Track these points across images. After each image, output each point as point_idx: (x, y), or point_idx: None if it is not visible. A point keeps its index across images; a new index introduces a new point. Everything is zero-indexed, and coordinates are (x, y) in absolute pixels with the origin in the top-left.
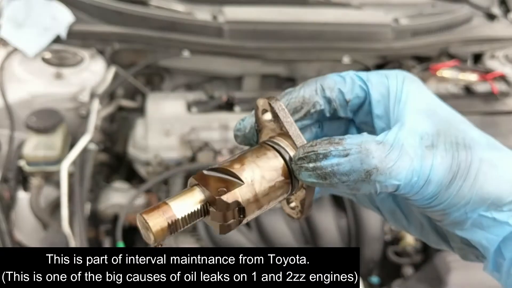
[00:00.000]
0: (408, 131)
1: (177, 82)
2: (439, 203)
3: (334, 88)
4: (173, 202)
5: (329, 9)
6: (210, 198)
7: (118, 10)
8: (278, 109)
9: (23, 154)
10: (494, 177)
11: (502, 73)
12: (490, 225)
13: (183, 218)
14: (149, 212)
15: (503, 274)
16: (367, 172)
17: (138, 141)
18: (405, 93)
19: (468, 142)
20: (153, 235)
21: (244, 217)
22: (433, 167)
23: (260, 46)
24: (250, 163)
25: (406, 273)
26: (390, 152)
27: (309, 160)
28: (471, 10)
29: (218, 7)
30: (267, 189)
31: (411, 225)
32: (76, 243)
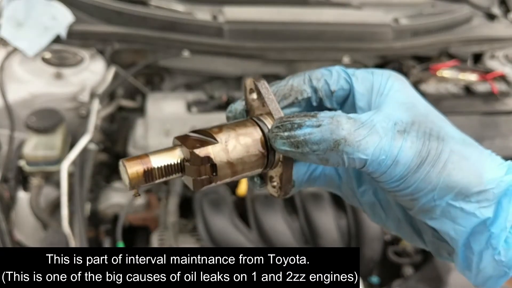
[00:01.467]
0: (383, 115)
1: (177, 82)
2: (406, 186)
3: (321, 79)
4: (153, 155)
5: (329, 9)
6: (187, 154)
7: (118, 10)
8: (261, 86)
9: (23, 154)
10: (463, 167)
11: (502, 73)
12: (458, 215)
13: (159, 168)
14: (129, 159)
15: (473, 271)
16: (335, 141)
17: (138, 141)
18: (388, 87)
19: (442, 135)
20: (129, 178)
21: (217, 176)
22: (402, 149)
23: (260, 46)
24: (229, 129)
25: (406, 273)
26: (360, 128)
27: (284, 129)
28: (471, 10)
29: (218, 7)
30: (241, 153)
31: (389, 219)
32: (76, 243)
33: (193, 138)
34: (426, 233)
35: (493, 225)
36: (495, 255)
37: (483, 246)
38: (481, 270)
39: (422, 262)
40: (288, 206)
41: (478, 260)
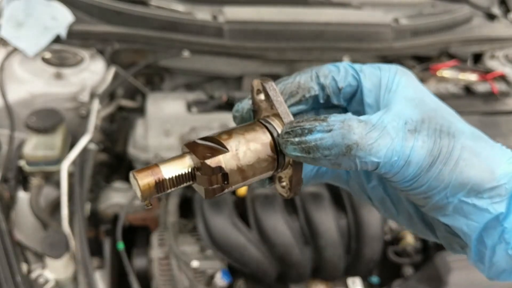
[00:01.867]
0: (393, 115)
1: (177, 82)
2: (419, 185)
3: (328, 75)
4: (163, 165)
5: (329, 9)
6: (197, 163)
7: (118, 10)
8: (269, 88)
9: (23, 154)
10: (475, 164)
11: (502, 73)
12: (470, 211)
13: (170, 179)
14: (140, 171)
15: (486, 264)
16: (347, 146)
17: (138, 141)
18: (395, 83)
19: (452, 130)
20: (141, 191)
21: (228, 184)
22: (414, 148)
23: (260, 46)
24: (238, 135)
25: (406, 273)
26: (372, 130)
27: (295, 135)
28: (471, 10)
29: (218, 7)
30: (251, 159)
31: (400, 214)
32: (76, 243)
33: (203, 146)
34: (439, 228)
35: (506, 220)
36: (509, 250)
37: (496, 241)
38: (494, 264)
39: (422, 262)
40: (288, 206)
41: (491, 254)
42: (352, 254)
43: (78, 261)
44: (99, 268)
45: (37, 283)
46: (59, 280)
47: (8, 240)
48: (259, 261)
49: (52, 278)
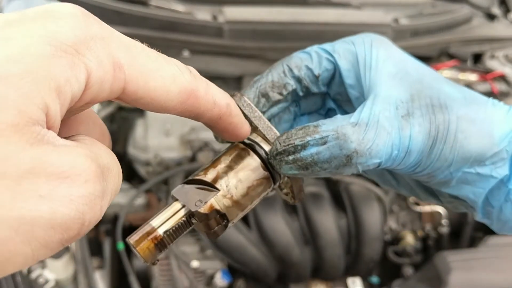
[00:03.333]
0: (382, 102)
1: None
2: (422, 169)
3: (301, 66)
4: (157, 221)
5: (329, 9)
6: (191, 211)
7: (118, 10)
8: (243, 105)
9: None
10: (473, 133)
11: (502, 73)
12: (475, 179)
13: (168, 235)
14: (135, 236)
15: (493, 220)
16: (347, 157)
17: (138, 141)
18: (374, 58)
19: (443, 101)
20: (143, 258)
21: (228, 221)
22: (412, 136)
23: (260, 46)
24: (224, 168)
25: (406, 273)
26: (367, 132)
27: (288, 153)
28: (471, 10)
29: (218, 7)
30: (245, 190)
31: (400, 185)
32: (76, 243)
33: (192, 191)
34: (443, 195)
35: (510, 181)
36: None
37: (502, 201)
38: (502, 220)
39: (422, 262)
40: (288, 206)
41: (498, 212)
42: (352, 254)
43: (78, 261)
44: (99, 268)
45: (37, 283)
46: (59, 280)
47: None
48: (259, 261)
49: (52, 278)
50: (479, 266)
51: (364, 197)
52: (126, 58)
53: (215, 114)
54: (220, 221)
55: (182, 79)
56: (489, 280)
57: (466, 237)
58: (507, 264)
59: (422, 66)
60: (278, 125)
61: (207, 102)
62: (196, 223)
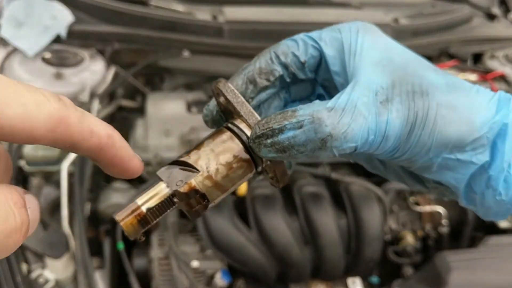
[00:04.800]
0: (362, 89)
1: (177, 82)
2: (401, 154)
3: (288, 52)
4: (141, 199)
5: (329, 9)
6: (173, 190)
7: (118, 10)
8: (227, 91)
9: (23, 154)
10: (453, 120)
11: (502, 73)
12: (456, 165)
13: (151, 212)
14: (119, 212)
15: (478, 207)
16: (322, 140)
17: (138, 141)
18: (359, 44)
19: (425, 87)
20: (127, 232)
21: (209, 201)
22: (389, 122)
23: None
24: (206, 150)
25: (406, 273)
26: (343, 116)
27: (266, 137)
28: (471, 10)
29: (218, 7)
30: (225, 172)
31: (388, 171)
32: (76, 243)
33: (175, 171)
34: (427, 181)
35: (491, 168)
36: (496, 196)
37: (483, 187)
38: (485, 207)
39: (422, 262)
40: (288, 206)
41: (481, 198)
42: (352, 254)
43: (78, 261)
44: (99, 268)
45: (37, 283)
46: (59, 280)
47: None
48: (259, 261)
49: (52, 278)
50: (479, 266)
51: (364, 197)
52: None
53: (94, 144)
54: (200, 201)
55: (49, 106)
56: (489, 280)
57: (466, 237)
58: (507, 264)
59: (408, 53)
60: (268, 111)
61: (81, 130)
62: (178, 203)
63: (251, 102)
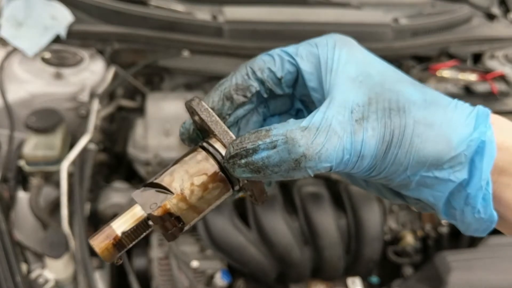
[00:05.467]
0: (337, 106)
1: (177, 82)
2: (378, 173)
3: (264, 68)
4: (116, 223)
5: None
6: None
7: (118, 10)
8: (201, 110)
9: (23, 154)
10: (430, 137)
11: (502, 73)
12: (434, 183)
13: (126, 235)
14: (94, 237)
15: (458, 222)
16: (296, 161)
17: (138, 141)
18: (336, 60)
19: (402, 104)
20: (102, 257)
21: (184, 224)
22: (364, 141)
23: (260, 46)
24: (180, 172)
25: (406, 273)
26: (317, 136)
27: (240, 157)
28: (471, 10)
29: (218, 7)
30: (200, 193)
31: (369, 186)
32: (76, 243)
33: (148, 194)
34: (408, 197)
35: (469, 186)
36: (475, 214)
37: (462, 205)
38: (466, 223)
39: (422, 262)
40: (288, 206)
41: (461, 215)
42: (352, 254)
43: (78, 261)
44: (99, 268)
45: (37, 283)
46: (59, 280)
47: (8, 240)
48: (259, 261)
49: (51, 278)
50: (479, 266)
51: (364, 197)
52: None
53: None
54: (175, 224)
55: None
56: (489, 280)
57: (466, 237)
58: (507, 264)
59: (386, 68)
60: (246, 126)
61: None
62: (153, 226)
63: (228, 119)
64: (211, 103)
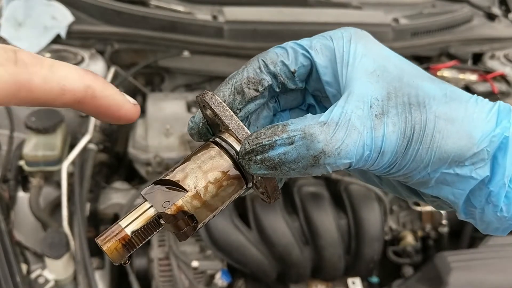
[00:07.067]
0: (356, 101)
1: (177, 82)
2: (398, 169)
3: (277, 61)
4: (125, 221)
5: (329, 9)
6: (158, 212)
7: (118, 10)
8: (214, 104)
9: (23, 154)
10: (451, 133)
11: (502, 73)
12: (454, 180)
13: (136, 235)
14: (102, 236)
15: (477, 221)
16: (314, 157)
17: (138, 141)
18: (352, 54)
19: (421, 99)
20: (111, 258)
21: (197, 222)
22: (385, 137)
23: (260, 46)
24: (193, 168)
25: (406, 273)
26: (336, 131)
27: (256, 153)
28: (471, 10)
29: (218, 7)
30: (214, 191)
31: (383, 183)
32: (76, 243)
33: (160, 192)
34: (425, 195)
35: (491, 183)
36: (498, 212)
37: (483, 203)
38: (485, 222)
39: (422, 262)
40: (288, 206)
41: (481, 214)
42: (352, 254)
43: (78, 261)
44: (99, 268)
45: (37, 283)
46: (59, 281)
47: (8, 240)
48: (259, 261)
49: (51, 278)
50: (479, 266)
51: (364, 197)
52: None
53: (68, 100)
54: (189, 222)
55: (2, 73)
56: (489, 280)
57: (466, 237)
58: (507, 264)
59: (403, 62)
60: (256, 121)
61: (49, 91)
62: (165, 225)
63: (239, 113)
64: (221, 97)
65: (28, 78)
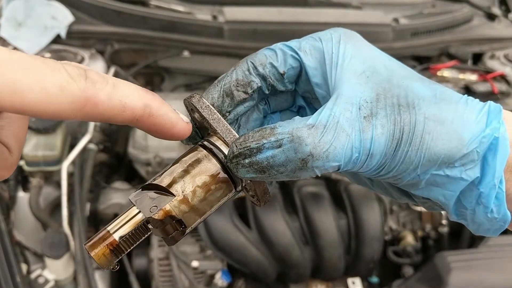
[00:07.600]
0: (344, 103)
1: (177, 82)
2: (387, 171)
3: (266, 63)
4: (113, 227)
5: (329, 9)
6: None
7: (118, 10)
8: (202, 107)
9: (23, 154)
10: (441, 134)
11: (502, 73)
12: (444, 182)
13: (124, 240)
14: (90, 242)
15: (468, 222)
16: (302, 160)
17: (138, 141)
18: (341, 55)
19: (411, 100)
20: (99, 263)
21: (186, 227)
22: (374, 139)
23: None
24: (181, 173)
25: (406, 273)
26: (324, 134)
27: (244, 157)
28: (471, 10)
29: (218, 7)
30: (202, 195)
31: (375, 185)
32: (76, 243)
33: (148, 197)
34: (416, 196)
35: (482, 184)
36: (488, 214)
37: (474, 204)
38: (477, 223)
39: (422, 262)
40: (288, 206)
41: (472, 214)
42: (352, 254)
43: (78, 261)
44: (99, 268)
45: (36, 283)
46: (59, 280)
47: (8, 241)
48: (259, 261)
49: (51, 278)
50: (479, 266)
51: (364, 197)
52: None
53: (128, 117)
54: (177, 227)
55: (73, 87)
56: (489, 280)
57: (466, 237)
58: (507, 264)
59: (393, 63)
60: (246, 124)
61: (112, 108)
62: (153, 230)
63: (228, 116)
64: (210, 99)
65: (95, 94)
